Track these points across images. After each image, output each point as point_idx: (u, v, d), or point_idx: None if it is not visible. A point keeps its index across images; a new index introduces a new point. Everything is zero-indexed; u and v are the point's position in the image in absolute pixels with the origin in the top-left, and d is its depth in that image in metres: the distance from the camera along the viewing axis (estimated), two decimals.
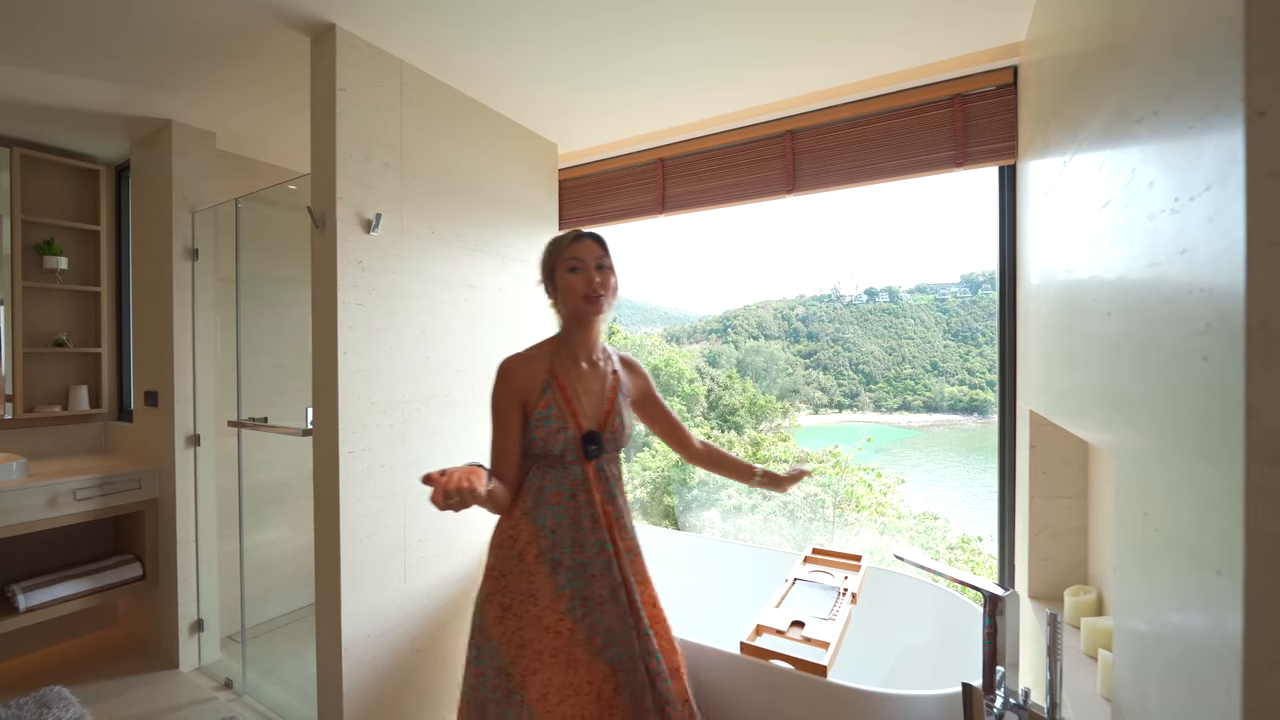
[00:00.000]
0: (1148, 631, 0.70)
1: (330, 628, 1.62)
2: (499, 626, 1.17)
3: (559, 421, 1.17)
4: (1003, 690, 0.98)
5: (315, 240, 1.62)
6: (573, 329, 1.25)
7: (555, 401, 1.18)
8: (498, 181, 2.16)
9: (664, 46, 1.70)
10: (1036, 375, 1.43)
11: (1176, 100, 0.62)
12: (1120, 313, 0.79)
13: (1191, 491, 0.57)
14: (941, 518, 5.45)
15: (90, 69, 1.83)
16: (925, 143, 1.89)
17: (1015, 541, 1.81)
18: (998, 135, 1.78)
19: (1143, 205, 0.70)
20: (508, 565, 1.18)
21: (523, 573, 1.17)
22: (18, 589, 2.06)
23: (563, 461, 1.18)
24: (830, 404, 7.27)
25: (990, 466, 1.88)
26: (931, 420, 7.10)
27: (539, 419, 1.16)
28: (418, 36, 1.64)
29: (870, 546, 5.26)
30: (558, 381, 1.20)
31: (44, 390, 2.46)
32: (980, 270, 7.05)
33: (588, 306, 1.20)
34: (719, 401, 6.90)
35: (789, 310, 7.53)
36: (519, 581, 1.17)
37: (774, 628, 1.36)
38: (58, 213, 2.47)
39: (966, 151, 1.82)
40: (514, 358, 1.21)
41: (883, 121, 1.97)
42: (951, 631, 1.62)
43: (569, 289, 1.21)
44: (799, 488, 5.65)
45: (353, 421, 1.61)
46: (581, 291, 1.19)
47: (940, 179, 1.88)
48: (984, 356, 7.27)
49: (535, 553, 1.17)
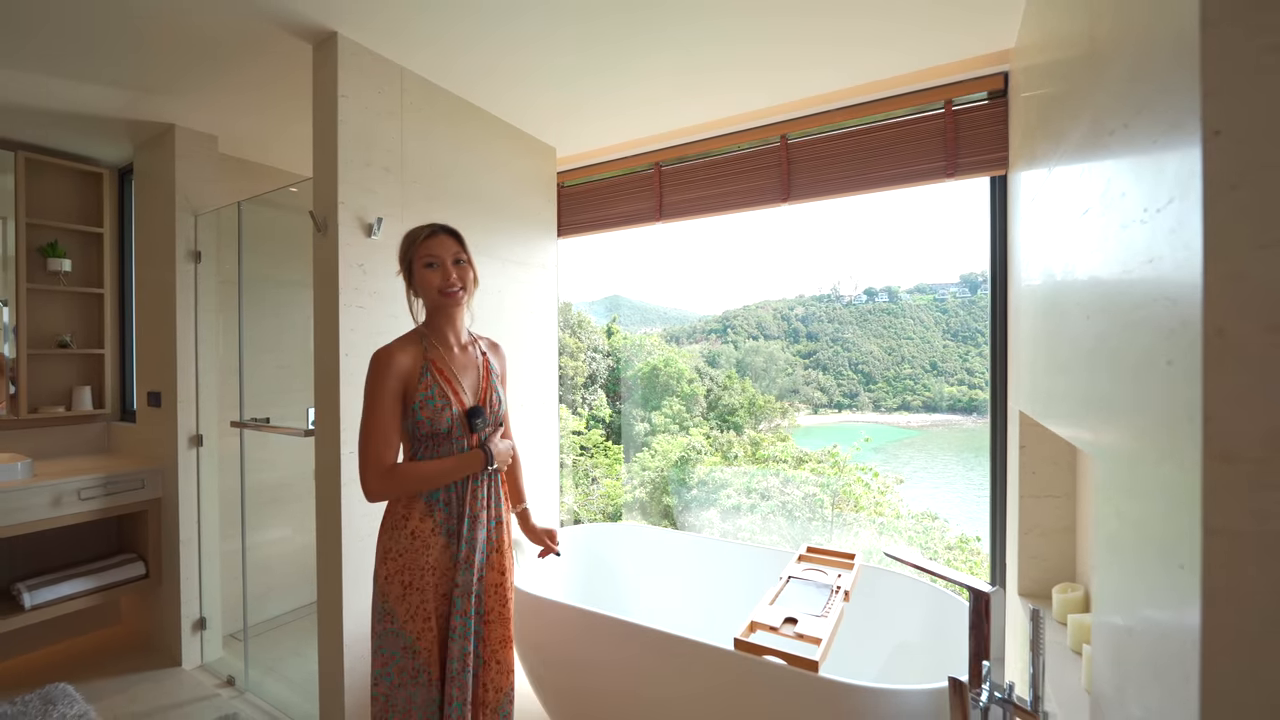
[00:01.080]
0: (1123, 625, 0.73)
1: (332, 625, 1.65)
2: (402, 604, 1.23)
3: (442, 400, 1.25)
4: (988, 684, 1.01)
5: (317, 244, 1.65)
6: (437, 318, 1.33)
7: (436, 382, 1.26)
8: (497, 185, 2.19)
9: (662, 52, 1.73)
10: (1025, 377, 1.46)
11: (1145, 114, 0.65)
12: (1099, 316, 0.82)
13: (1159, 490, 0.60)
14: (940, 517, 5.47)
15: (94, 74, 1.85)
16: (917, 153, 1.92)
17: (1006, 539, 1.83)
18: (988, 146, 1.81)
19: (1117, 214, 0.73)
20: (403, 545, 1.24)
21: (419, 549, 1.24)
22: (23, 587, 2.09)
23: (450, 438, 1.27)
24: (829, 404, 7.27)
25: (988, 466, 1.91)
26: (930, 420, 7.08)
27: (422, 401, 1.23)
28: (418, 43, 1.66)
29: (869, 546, 5.28)
30: (434, 364, 1.27)
31: (48, 391, 2.48)
32: (979, 270, 7.05)
33: (445, 300, 1.29)
34: (718, 402, 6.92)
35: (788, 310, 7.53)
36: (417, 557, 1.24)
37: (767, 624, 1.39)
38: (61, 215, 2.50)
39: (957, 162, 1.85)
40: (388, 348, 1.25)
41: (875, 132, 2.00)
42: (943, 629, 1.64)
43: (426, 284, 1.29)
44: (798, 487, 5.56)
45: (354, 422, 1.63)
46: (438, 286, 1.28)
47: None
48: (983, 356, 7.24)
49: (430, 527, 1.25)
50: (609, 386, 6.24)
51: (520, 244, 2.33)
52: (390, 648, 1.24)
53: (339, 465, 1.62)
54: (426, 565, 1.25)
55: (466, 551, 1.28)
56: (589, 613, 1.62)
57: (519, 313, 2.31)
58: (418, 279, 1.30)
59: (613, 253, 8.04)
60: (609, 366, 6.39)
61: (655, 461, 6.33)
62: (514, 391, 2.27)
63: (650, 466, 6.43)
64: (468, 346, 1.38)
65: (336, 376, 1.61)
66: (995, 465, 1.87)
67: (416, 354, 1.27)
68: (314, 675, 2.24)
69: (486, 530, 1.33)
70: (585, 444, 5.72)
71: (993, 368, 1.87)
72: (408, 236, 1.32)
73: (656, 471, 6.24)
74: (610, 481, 5.81)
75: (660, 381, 6.52)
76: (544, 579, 2.09)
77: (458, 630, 1.26)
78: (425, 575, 1.24)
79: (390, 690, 1.24)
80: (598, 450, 5.82)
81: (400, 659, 1.23)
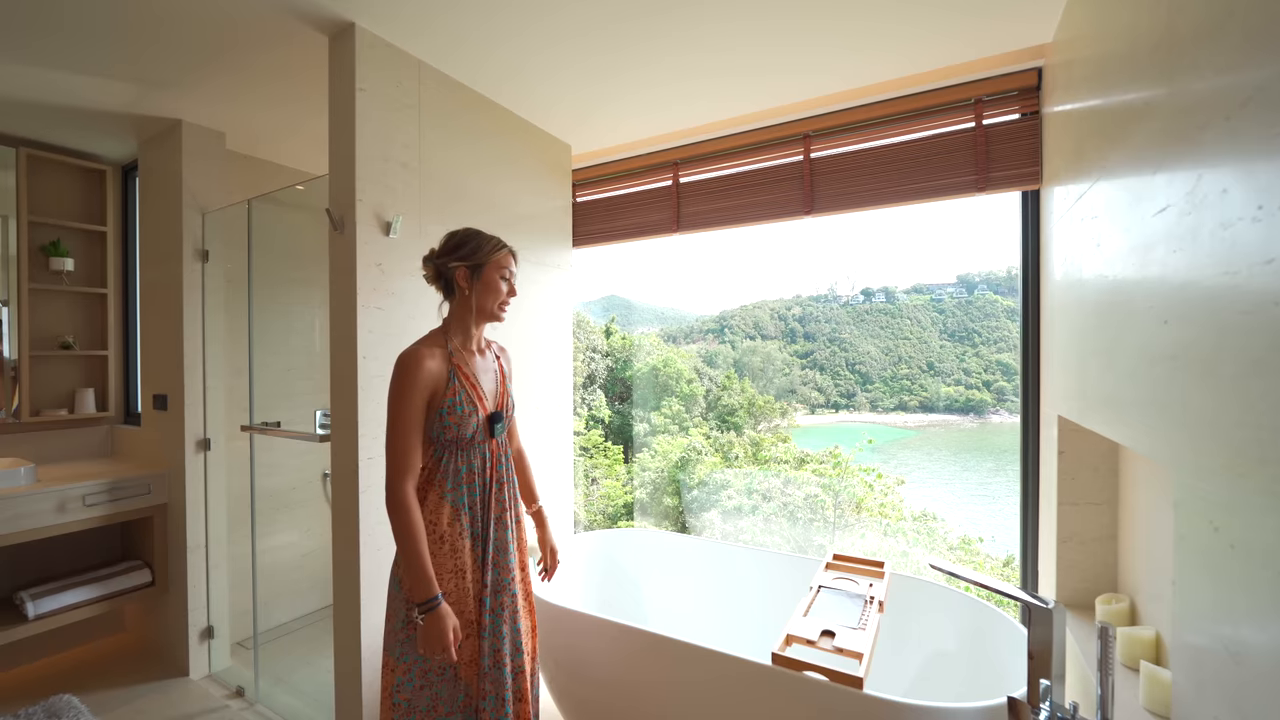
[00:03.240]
0: (1215, 648, 0.69)
1: (349, 635, 1.59)
2: None
3: (469, 406, 1.25)
4: (1049, 704, 0.96)
5: (334, 243, 1.60)
6: (470, 323, 1.31)
7: (463, 387, 1.26)
8: (513, 184, 2.14)
9: (687, 52, 1.68)
10: (1066, 380, 1.42)
11: (1254, 107, 0.60)
12: (1180, 321, 0.78)
13: (1275, 507, 0.56)
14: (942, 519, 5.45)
15: (99, 67, 1.80)
16: (947, 166, 1.88)
17: (1040, 547, 1.79)
18: (1022, 160, 1.77)
19: (1213, 213, 0.69)
20: (431, 549, 1.23)
21: (447, 552, 1.24)
22: (26, 596, 2.03)
23: (473, 443, 1.28)
24: (826, 404, 7.25)
25: (988, 467, 1.88)
26: (928, 420, 7.06)
27: (449, 406, 1.23)
28: (441, 37, 1.62)
29: (874, 548, 5.25)
30: (460, 370, 1.27)
31: (50, 393, 2.42)
32: (976, 270, 7.05)
33: (497, 315, 1.33)
34: (718, 402, 6.90)
35: (785, 310, 7.51)
36: (446, 560, 1.24)
37: (804, 637, 1.34)
38: (64, 213, 2.44)
39: (989, 176, 1.81)
40: (416, 352, 1.22)
41: (901, 139, 1.94)
42: (975, 639, 1.60)
43: (492, 291, 1.30)
44: (798, 488, 5.49)
45: (373, 428, 1.58)
46: (502, 298, 1.31)
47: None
48: (980, 357, 7.27)
49: (458, 530, 1.25)
50: (608, 386, 6.21)
51: (537, 244, 2.28)
52: (413, 653, 1.22)
53: (356, 471, 1.57)
54: (456, 569, 1.24)
55: (495, 553, 1.29)
56: (616, 624, 1.57)
57: (535, 315, 2.26)
58: (485, 283, 1.29)
59: (610, 253, 8.01)
60: (608, 367, 6.36)
61: (655, 462, 6.29)
62: (529, 394, 2.22)
63: (651, 467, 6.39)
64: (484, 350, 1.38)
65: (354, 380, 1.56)
66: (1027, 471, 1.83)
67: (444, 358, 1.25)
68: (325, 685, 2.19)
69: (508, 530, 1.34)
70: (585, 445, 5.68)
71: (1024, 371, 1.83)
72: (479, 238, 1.30)
73: (657, 472, 6.20)
74: (610, 482, 5.78)
75: (660, 381, 6.50)
76: (559, 586, 2.04)
77: (488, 628, 1.26)
78: (454, 577, 1.24)
79: (412, 694, 1.23)
80: (597, 451, 5.79)
81: (423, 662, 1.23)
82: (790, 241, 3.25)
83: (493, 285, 1.29)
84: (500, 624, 1.27)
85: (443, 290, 1.33)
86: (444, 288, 1.32)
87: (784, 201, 2.15)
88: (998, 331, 6.82)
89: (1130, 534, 1.45)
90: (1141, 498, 1.38)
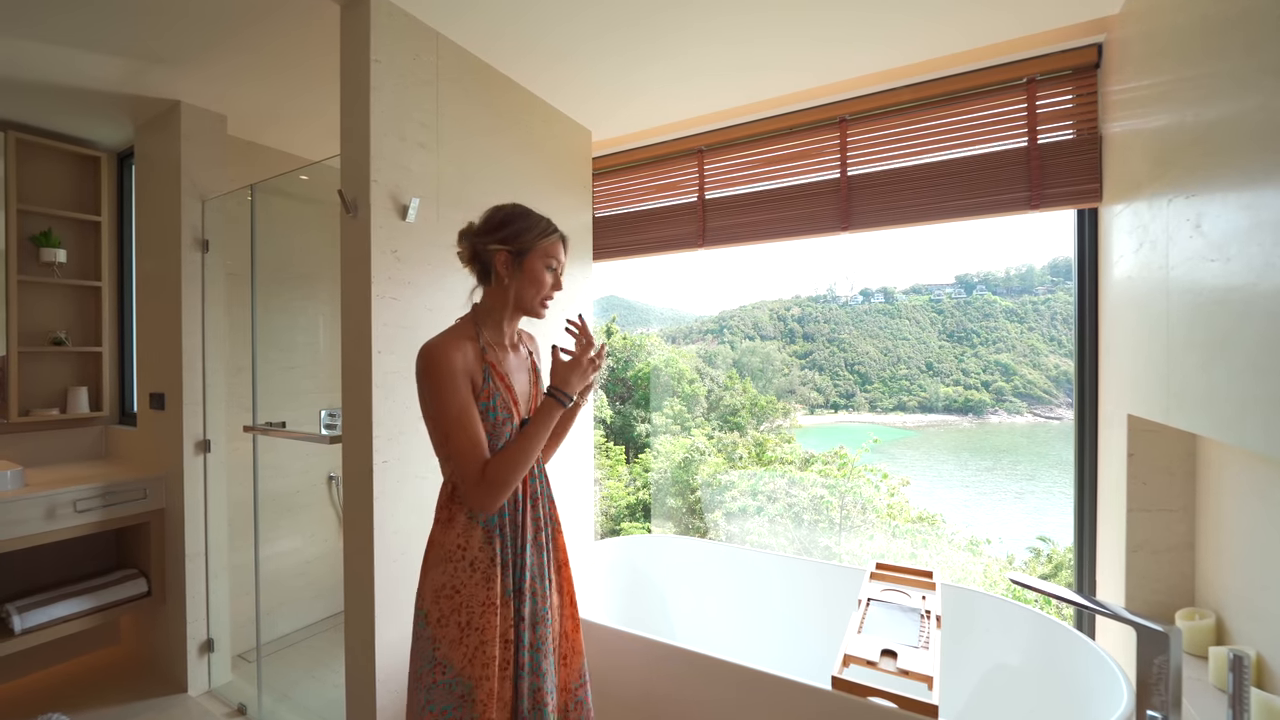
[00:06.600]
0: None
1: (362, 656, 1.47)
2: (459, 648, 1.05)
3: (504, 412, 1.09)
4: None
5: (346, 227, 1.48)
6: (504, 316, 1.15)
7: (498, 390, 1.10)
8: (533, 168, 2.02)
9: (717, 33, 1.57)
10: (1142, 377, 1.30)
11: None
12: None
13: None
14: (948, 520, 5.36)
15: (94, 40, 1.68)
16: (997, 181, 1.77)
17: (1097, 555, 1.68)
18: (1080, 177, 1.66)
19: None
20: (461, 579, 1.06)
21: (478, 583, 1.07)
22: (13, 609, 1.90)
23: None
24: (826, 404, 7.20)
25: (988, 467, 1.77)
26: (927, 420, 7.04)
27: (482, 411, 1.07)
28: (462, 8, 1.50)
29: (882, 550, 5.16)
30: (494, 369, 1.11)
31: (41, 392, 2.29)
32: (975, 271, 7.02)
33: (537, 310, 1.16)
34: (719, 402, 6.82)
35: (785, 311, 7.49)
36: (477, 592, 1.06)
37: (863, 658, 1.23)
38: (56, 202, 2.31)
39: (1044, 194, 1.70)
40: (443, 344, 1.06)
41: (950, 163, 1.83)
42: (1044, 658, 1.49)
43: (535, 282, 1.13)
44: (804, 489, 5.34)
45: (388, 429, 1.46)
46: (545, 292, 1.15)
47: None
48: (978, 357, 7.25)
49: (490, 556, 1.08)
50: (609, 387, 6.13)
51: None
52: (442, 702, 1.04)
53: (370, 474, 1.45)
54: (487, 601, 1.06)
55: (532, 580, 1.12)
56: (659, 644, 1.46)
57: (558, 307, 2.14)
58: (527, 273, 1.12)
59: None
60: (608, 367, 6.29)
61: (658, 463, 6.19)
62: None
63: (652, 468, 6.28)
64: (517, 345, 1.22)
65: (369, 376, 1.44)
66: (1082, 474, 1.72)
67: (475, 353, 1.09)
68: (332, 701, 2.07)
69: (544, 553, 1.17)
70: None
71: (1080, 372, 1.72)
72: (528, 218, 1.14)
73: (659, 473, 6.10)
74: (611, 483, 5.69)
75: (660, 381, 6.42)
76: (583, 593, 1.92)
77: (527, 666, 1.09)
78: (486, 612, 1.06)
79: None
80: (598, 451, 5.71)
81: (453, 711, 1.05)
82: (790, 242, 3.20)
83: (536, 276, 1.12)
84: (540, 660, 1.11)
85: (478, 274, 1.16)
86: (479, 271, 1.16)
87: (818, 216, 2.03)
88: (996, 332, 6.75)
89: (1212, 543, 1.34)
90: (1229, 504, 1.27)
